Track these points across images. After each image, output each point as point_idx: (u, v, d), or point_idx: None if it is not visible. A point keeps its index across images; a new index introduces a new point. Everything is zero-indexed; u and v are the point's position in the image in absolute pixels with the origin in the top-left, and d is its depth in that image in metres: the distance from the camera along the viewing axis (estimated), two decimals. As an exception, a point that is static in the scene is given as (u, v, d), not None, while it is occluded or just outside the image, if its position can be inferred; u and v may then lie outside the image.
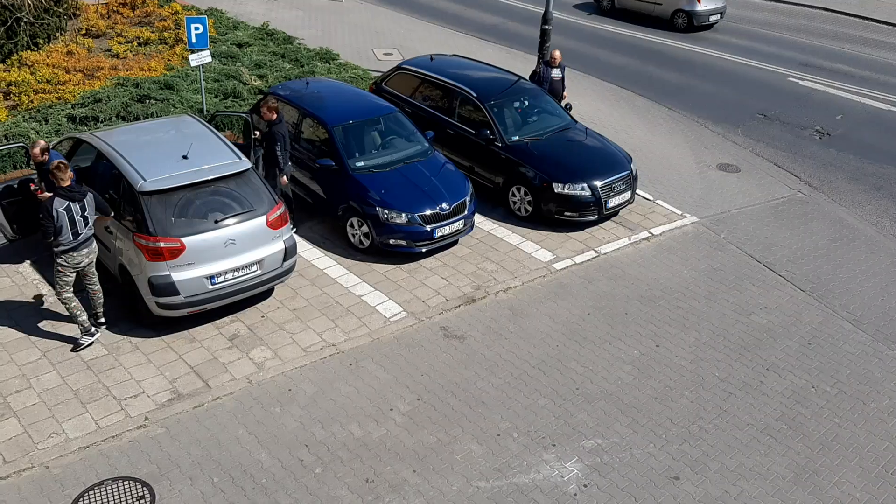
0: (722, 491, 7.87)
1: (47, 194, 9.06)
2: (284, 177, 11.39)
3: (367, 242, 11.39)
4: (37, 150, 10.12)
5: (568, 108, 14.35)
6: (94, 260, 9.31)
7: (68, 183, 8.75)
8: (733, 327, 10.37)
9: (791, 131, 16.79)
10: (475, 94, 13.25)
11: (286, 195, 11.48)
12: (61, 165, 8.77)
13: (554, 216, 12.33)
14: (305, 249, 11.46)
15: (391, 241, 11.19)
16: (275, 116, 11.23)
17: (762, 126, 17.03)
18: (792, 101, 18.41)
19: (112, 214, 9.39)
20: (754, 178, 14.61)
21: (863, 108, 18.20)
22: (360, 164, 11.67)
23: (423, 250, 11.34)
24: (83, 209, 8.87)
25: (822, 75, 20.21)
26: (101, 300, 9.59)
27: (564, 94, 15.11)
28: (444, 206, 11.31)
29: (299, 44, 19.20)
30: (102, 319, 9.65)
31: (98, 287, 9.51)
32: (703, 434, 8.58)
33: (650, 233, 12.55)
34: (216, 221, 9.43)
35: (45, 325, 9.69)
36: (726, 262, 11.89)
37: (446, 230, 11.36)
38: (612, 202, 12.43)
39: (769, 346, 10.03)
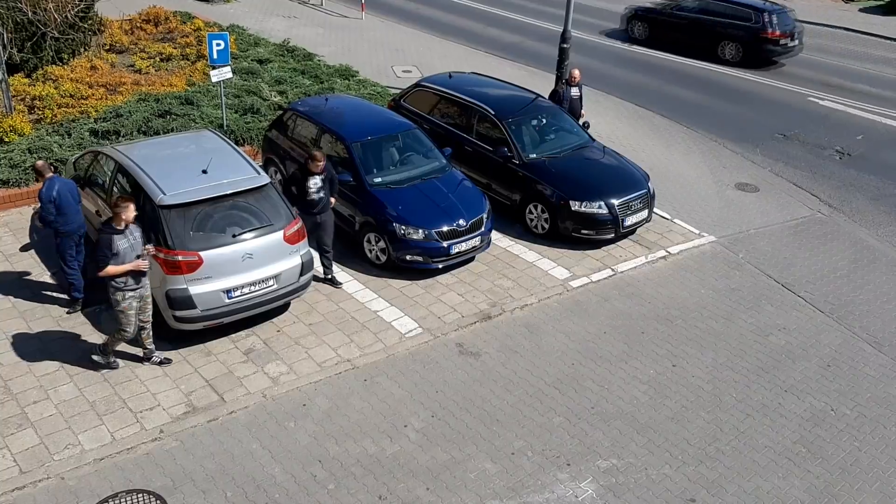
0: (739, 514, 7.77)
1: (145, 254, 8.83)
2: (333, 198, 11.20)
3: (383, 258, 11.40)
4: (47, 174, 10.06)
5: (586, 126, 14.35)
6: (150, 294, 9.10)
7: (132, 220, 8.63)
8: (751, 348, 10.27)
9: (811, 151, 16.69)
10: (493, 112, 13.28)
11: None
12: (123, 202, 8.56)
13: (571, 234, 12.30)
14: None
15: (408, 257, 11.20)
16: (323, 163, 10.70)
17: (781, 146, 16.94)
18: (811, 121, 18.31)
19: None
20: (773, 198, 14.51)
21: (884, 129, 18.06)
22: (378, 179, 11.72)
23: (440, 266, 11.34)
24: (137, 245, 8.72)
25: (841, 95, 20.10)
26: (150, 336, 9.32)
27: (582, 112, 15.12)
28: (462, 222, 11.32)
29: (319, 60, 19.35)
30: (152, 348, 9.38)
31: (149, 320, 9.22)
32: (720, 456, 8.48)
33: (667, 252, 12.48)
34: (234, 236, 9.48)
35: (62, 337, 9.76)
36: (744, 282, 11.80)
37: (463, 246, 11.36)
38: (630, 220, 12.39)
39: (787, 368, 9.92)
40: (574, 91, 14.97)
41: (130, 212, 8.57)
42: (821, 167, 15.94)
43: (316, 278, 10.80)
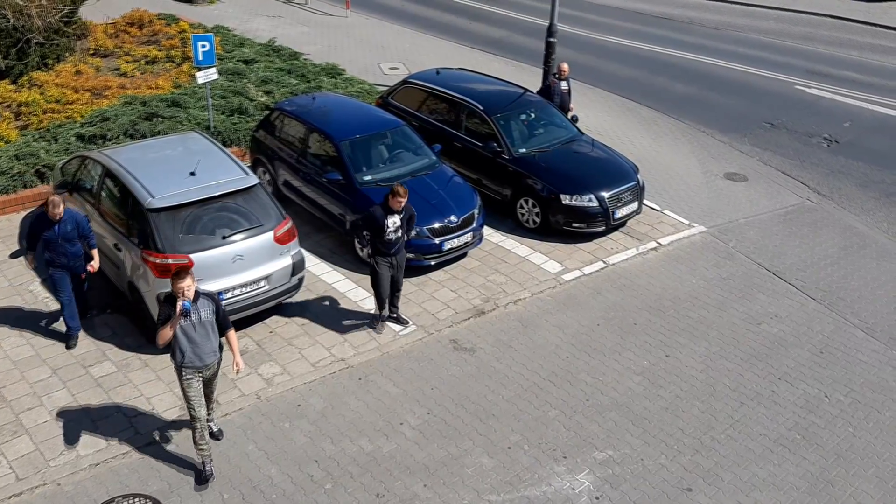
0: (735, 502, 7.79)
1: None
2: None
3: (375, 256, 11.38)
4: (58, 210, 9.22)
5: (574, 119, 14.36)
6: (216, 370, 7.91)
7: (192, 295, 7.29)
8: (744, 336, 10.31)
9: (798, 139, 16.74)
10: (482, 107, 13.27)
11: None
12: (184, 273, 7.25)
13: (562, 227, 12.31)
14: (313, 264, 11.46)
15: (399, 255, 11.18)
16: (406, 199, 9.57)
17: (769, 134, 16.99)
18: (799, 109, 18.37)
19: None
20: (762, 187, 14.56)
21: (871, 115, 18.14)
22: (368, 177, 11.69)
23: (432, 263, 11.33)
24: (200, 318, 7.46)
25: (828, 83, 20.18)
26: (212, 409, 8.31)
27: (571, 105, 15.13)
28: (453, 218, 11.31)
29: (305, 59, 19.30)
30: (215, 429, 8.40)
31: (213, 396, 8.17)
32: (716, 445, 8.51)
33: (658, 243, 12.50)
34: (224, 237, 9.45)
35: (55, 343, 9.71)
36: (735, 271, 11.83)
37: (455, 243, 11.35)
38: (620, 213, 12.40)
39: (781, 356, 9.96)
40: (563, 85, 14.98)
41: (185, 282, 7.19)
42: (809, 155, 16.00)
43: (380, 316, 10.04)
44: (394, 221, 9.54)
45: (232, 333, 7.73)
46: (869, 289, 11.47)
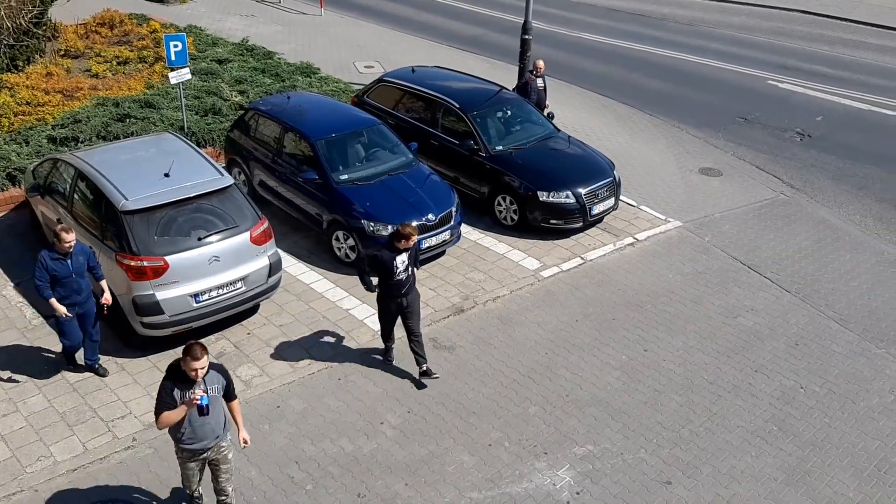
0: (714, 494, 7.86)
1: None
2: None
3: (353, 256, 11.34)
4: (70, 238, 8.37)
5: (550, 116, 14.40)
6: (228, 454, 7.09)
7: (205, 371, 6.49)
8: (720, 330, 10.40)
9: (772, 134, 16.91)
10: (458, 105, 13.27)
11: None
12: (200, 350, 6.37)
13: (540, 224, 12.34)
14: (291, 264, 11.40)
15: (377, 254, 11.14)
16: (415, 238, 8.94)
17: (743, 129, 17.14)
18: (772, 104, 18.55)
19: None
20: (737, 182, 14.69)
21: (843, 109, 18.36)
22: (345, 176, 11.65)
23: (410, 262, 11.30)
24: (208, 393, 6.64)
25: (801, 77, 20.39)
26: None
27: (547, 102, 15.17)
28: (431, 216, 11.30)
29: (279, 58, 19.18)
30: None
31: (231, 487, 7.28)
32: (694, 437, 8.58)
33: (635, 238, 12.58)
34: (199, 239, 9.38)
35: (28, 348, 9.58)
36: (711, 265, 11.93)
37: (433, 241, 11.34)
38: (597, 209, 12.46)
39: (757, 348, 10.06)
40: (539, 82, 15.02)
41: (201, 363, 6.40)
42: (782, 149, 16.16)
43: (388, 349, 9.52)
44: (402, 261, 8.80)
45: (236, 404, 6.93)
46: (842, 281, 11.61)
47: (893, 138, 16.72)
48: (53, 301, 8.47)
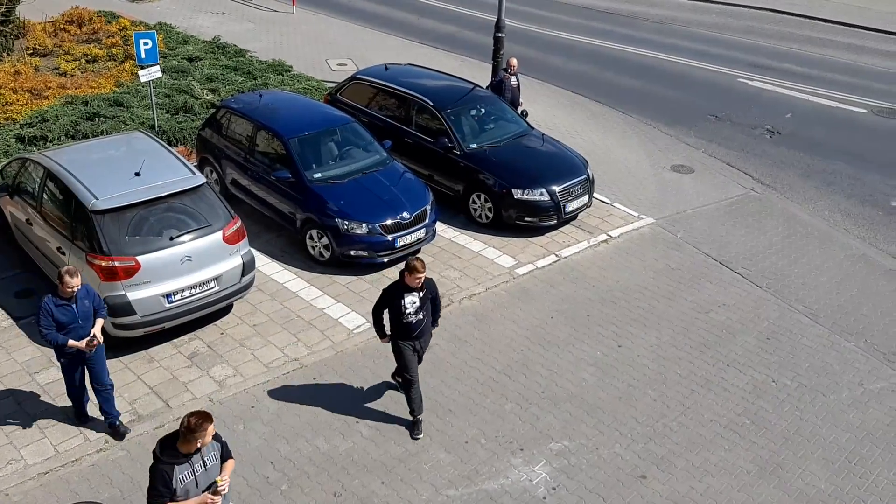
0: (688, 488, 7.94)
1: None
2: None
3: (327, 255, 11.30)
4: (75, 283, 7.68)
5: (524, 114, 14.44)
6: None
7: (208, 440, 5.89)
8: (693, 325, 10.49)
9: (742, 131, 17.09)
10: (432, 103, 13.26)
11: None
12: (203, 421, 5.75)
13: (514, 222, 12.37)
14: (264, 264, 11.33)
15: (352, 253, 11.12)
16: (423, 275, 8.03)
17: (714, 127, 17.31)
18: (742, 102, 18.75)
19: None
20: (708, 179, 14.83)
21: (811, 106, 18.60)
22: (318, 175, 11.59)
23: (385, 260, 11.29)
24: (206, 464, 5.96)
25: (770, 75, 20.62)
26: None
27: (521, 100, 15.21)
28: (405, 214, 11.28)
29: (251, 56, 19.05)
30: None
31: None
32: (668, 432, 8.65)
33: (609, 235, 12.65)
34: (171, 238, 9.29)
35: (-3, 350, 9.45)
36: (684, 261, 12.03)
37: (408, 239, 11.33)
38: (571, 206, 12.52)
39: (729, 343, 10.17)
40: (513, 80, 15.06)
41: (208, 434, 5.82)
42: (752, 146, 16.34)
43: (415, 420, 8.59)
44: (412, 301, 8.02)
45: (230, 462, 6.27)
46: (812, 275, 11.77)
47: (861, 135, 16.98)
48: (72, 341, 7.66)
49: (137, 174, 9.58)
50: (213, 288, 9.59)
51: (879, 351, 10.09)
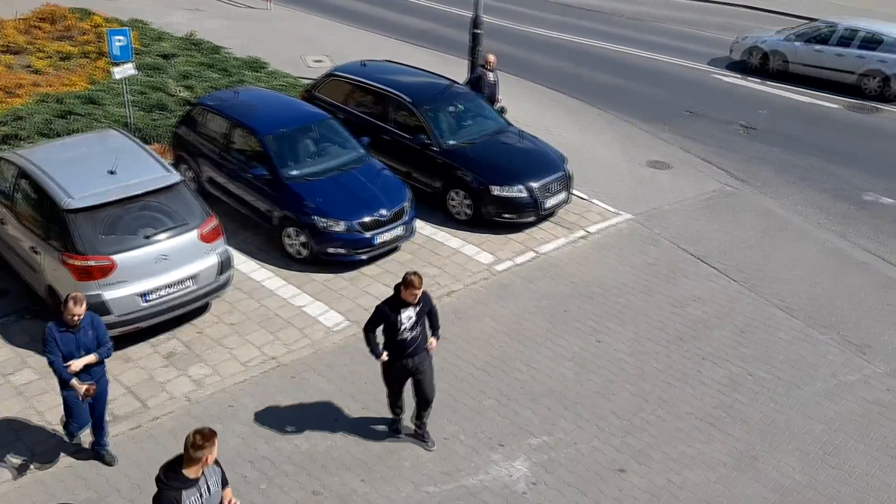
0: (666, 480, 8.00)
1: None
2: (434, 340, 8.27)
3: (305, 252, 11.25)
4: (78, 311, 7.27)
5: (502, 111, 14.45)
6: None
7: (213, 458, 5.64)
8: (670, 319, 10.57)
9: (718, 127, 17.22)
10: (410, 100, 13.23)
11: None
12: (208, 437, 5.53)
13: (493, 218, 12.39)
14: (241, 262, 11.26)
15: (330, 250, 11.08)
16: (421, 291, 7.87)
17: (690, 123, 17.43)
18: (717, 98, 18.90)
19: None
20: (684, 174, 14.94)
21: (784, 102, 18.79)
22: (295, 172, 11.54)
23: (364, 258, 11.26)
24: (210, 489, 5.75)
25: (744, 71, 20.77)
26: None
27: (499, 97, 15.22)
28: (383, 211, 11.26)
29: (227, 53, 18.91)
30: None
31: None
32: (646, 426, 8.71)
33: (587, 231, 12.71)
34: (147, 237, 9.21)
35: (-30, 352, 9.32)
36: (660, 256, 12.12)
37: (387, 236, 11.31)
38: (549, 202, 12.55)
39: (705, 337, 10.25)
40: (490, 76, 15.06)
41: (214, 451, 5.59)
42: (728, 142, 16.48)
43: (407, 434, 8.46)
44: (408, 316, 7.75)
45: (228, 490, 6.07)
46: (787, 269, 11.90)
47: (833, 130, 17.18)
48: (75, 382, 7.29)
49: (112, 172, 9.49)
50: (189, 287, 9.52)
51: (853, 343, 10.22)
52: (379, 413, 8.69)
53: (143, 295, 9.14)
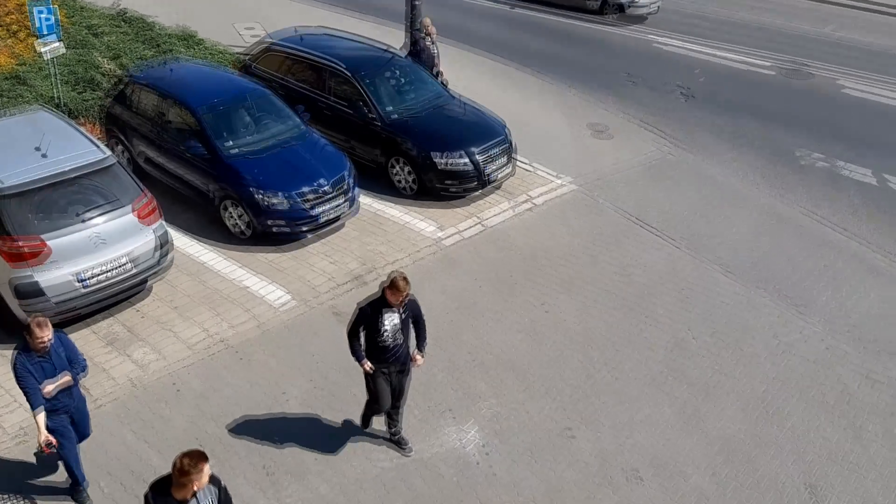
0: (616, 444, 8.14)
1: None
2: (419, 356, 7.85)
3: (248, 232, 11.03)
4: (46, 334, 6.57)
5: (441, 78, 14.31)
6: None
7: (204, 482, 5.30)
8: (615, 286, 10.70)
9: (657, 93, 17.37)
10: (349, 71, 13.01)
11: None
12: (197, 461, 5.20)
13: (436, 187, 12.32)
14: (183, 242, 10.98)
15: (270, 223, 10.87)
16: (406, 294, 7.48)
17: (631, 90, 17.54)
18: (657, 65, 19.04)
19: None
20: (626, 141, 15.06)
21: (721, 67, 19.04)
22: (232, 147, 11.26)
23: (308, 233, 11.09)
24: None
25: (682, 38, 20.94)
26: None
27: (440, 68, 15.07)
28: (322, 182, 11.07)
29: (154, 22, 18.25)
30: None
31: None
32: (595, 391, 8.83)
33: (532, 200, 12.74)
34: (80, 218, 8.90)
35: None
36: (605, 223, 12.23)
37: (330, 213, 11.15)
38: (492, 170, 12.51)
39: (650, 302, 10.41)
40: (428, 42, 14.88)
41: (204, 475, 5.25)
42: (668, 108, 16.65)
43: (384, 438, 8.13)
44: (391, 320, 7.35)
45: None
46: (727, 234, 12.14)
47: (770, 94, 17.48)
48: (41, 419, 6.52)
49: (43, 153, 9.13)
50: (127, 267, 9.25)
51: (792, 304, 10.50)
52: (329, 390, 8.62)
53: (80, 278, 8.84)
